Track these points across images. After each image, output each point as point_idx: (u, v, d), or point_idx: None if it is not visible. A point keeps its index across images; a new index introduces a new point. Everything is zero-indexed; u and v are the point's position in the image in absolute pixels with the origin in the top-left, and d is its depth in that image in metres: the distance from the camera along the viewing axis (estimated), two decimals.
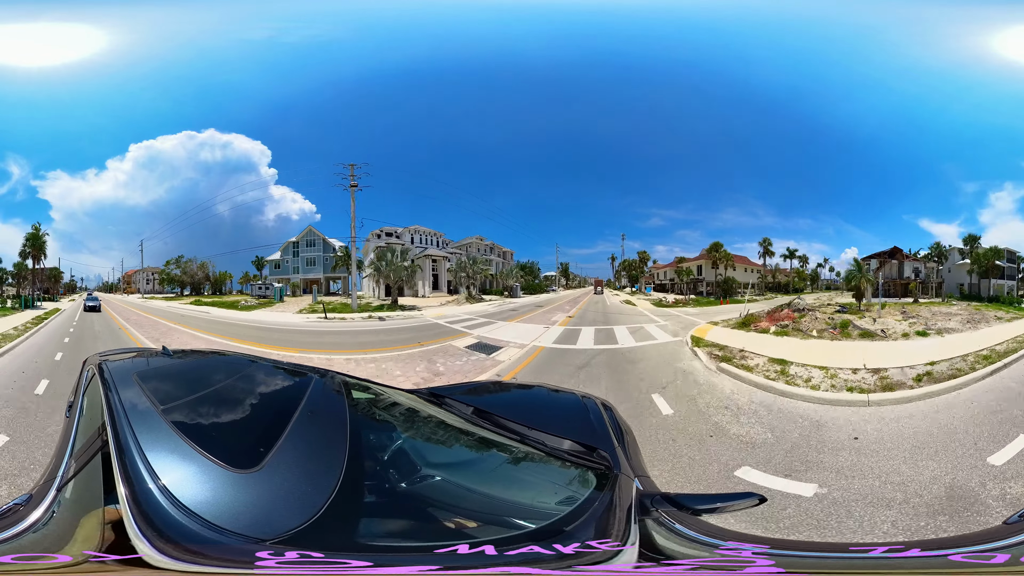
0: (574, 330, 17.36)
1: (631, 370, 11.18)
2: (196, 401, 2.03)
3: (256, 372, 2.68)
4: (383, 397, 2.47)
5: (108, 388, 1.87)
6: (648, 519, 1.64)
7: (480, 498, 1.77)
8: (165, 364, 2.68)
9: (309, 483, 1.41)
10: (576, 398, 2.87)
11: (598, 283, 39.98)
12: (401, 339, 15.93)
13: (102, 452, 1.48)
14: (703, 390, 9.22)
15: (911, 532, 4.18)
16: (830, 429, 6.97)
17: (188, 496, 1.26)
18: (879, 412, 7.71)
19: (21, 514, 1.40)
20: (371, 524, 1.44)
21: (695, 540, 1.57)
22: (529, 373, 11.43)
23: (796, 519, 4.37)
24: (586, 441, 2.11)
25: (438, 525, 1.54)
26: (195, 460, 1.42)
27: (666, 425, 7.21)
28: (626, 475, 1.87)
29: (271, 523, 1.24)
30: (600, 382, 10.15)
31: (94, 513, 1.35)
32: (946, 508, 4.49)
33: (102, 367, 2.18)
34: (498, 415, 2.37)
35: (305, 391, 2.15)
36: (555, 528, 1.44)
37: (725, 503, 1.85)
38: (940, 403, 7.98)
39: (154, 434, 1.53)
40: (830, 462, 5.73)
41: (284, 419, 1.71)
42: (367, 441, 1.89)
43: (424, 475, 1.79)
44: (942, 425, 6.88)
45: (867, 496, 4.78)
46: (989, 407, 7.56)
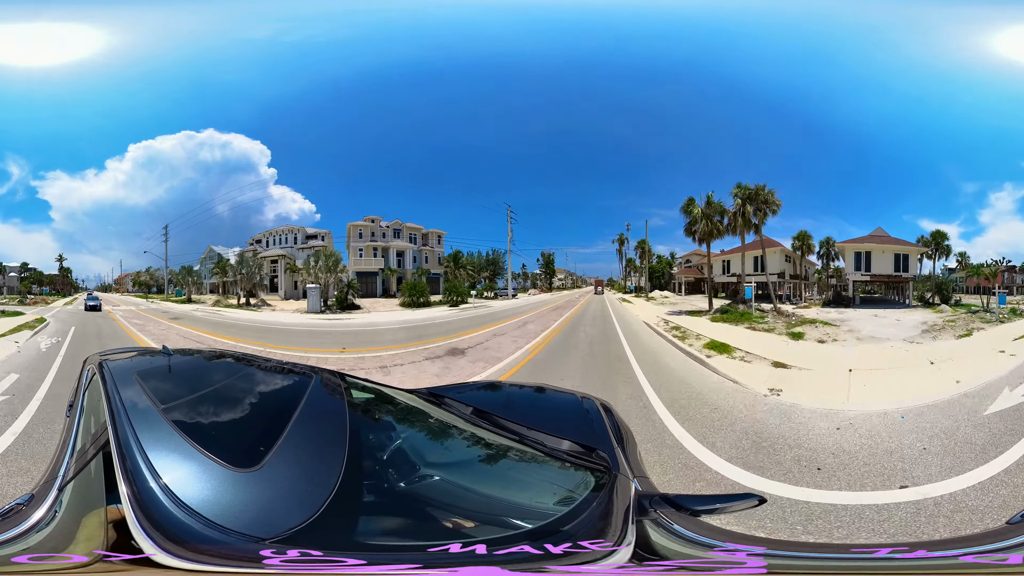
0: None
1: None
2: (196, 400, 2.04)
3: (256, 371, 2.69)
4: (383, 397, 2.48)
5: (108, 387, 1.88)
6: (646, 520, 1.64)
7: (478, 498, 1.77)
8: (165, 363, 2.68)
9: (309, 482, 1.42)
10: (575, 398, 2.88)
11: (598, 283, 39.55)
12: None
13: (103, 451, 1.49)
14: None
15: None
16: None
17: (189, 495, 1.27)
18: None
19: (23, 514, 1.40)
20: (369, 523, 1.45)
21: (692, 541, 1.57)
22: None
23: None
24: (585, 441, 2.11)
25: (435, 525, 1.55)
26: (196, 459, 1.42)
27: None
28: (624, 476, 1.87)
29: (271, 522, 1.24)
30: None
31: (96, 512, 1.36)
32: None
33: (102, 366, 2.18)
34: (497, 415, 2.37)
35: (305, 390, 2.15)
36: (551, 528, 1.45)
37: (724, 504, 1.86)
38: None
39: (155, 433, 1.54)
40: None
41: (284, 418, 1.72)
42: (366, 440, 1.90)
43: (423, 475, 1.79)
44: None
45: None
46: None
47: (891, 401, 8.07)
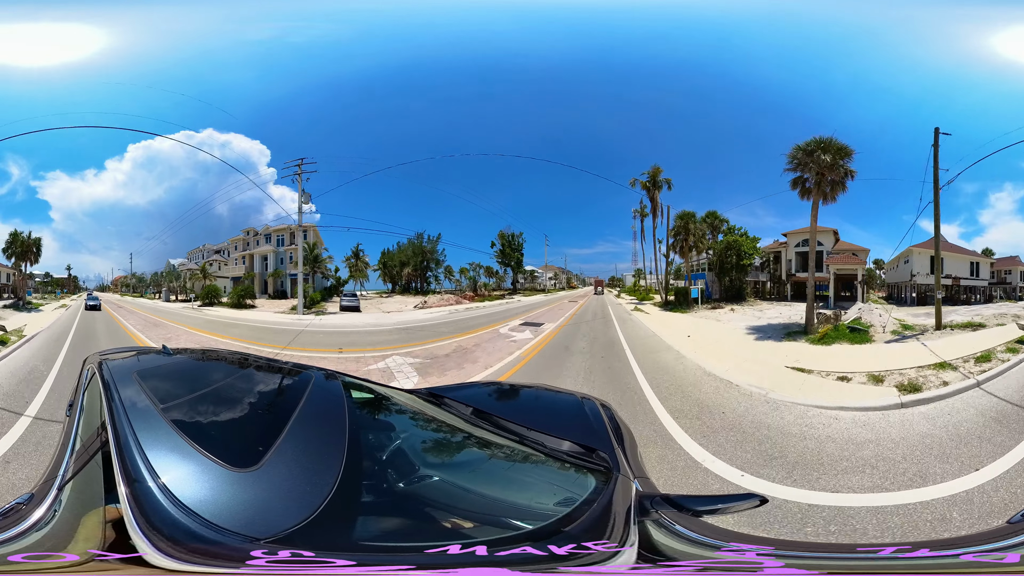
0: None
1: None
2: (196, 400, 2.03)
3: (255, 371, 2.68)
4: (382, 397, 2.47)
5: (108, 387, 1.87)
6: (648, 520, 1.63)
7: (478, 499, 1.77)
8: (164, 363, 2.68)
9: (307, 482, 1.41)
10: (575, 399, 2.87)
11: (598, 283, 37.79)
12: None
13: (102, 451, 1.49)
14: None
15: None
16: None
17: (187, 495, 1.26)
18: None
19: (23, 513, 1.40)
20: (368, 524, 1.44)
21: (696, 541, 1.56)
22: None
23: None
24: (585, 442, 2.11)
25: (435, 525, 1.54)
26: (194, 459, 1.42)
27: None
28: (625, 476, 1.86)
29: (268, 522, 1.24)
30: None
31: (95, 512, 1.36)
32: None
33: (102, 366, 2.18)
34: (497, 415, 2.37)
35: (305, 390, 2.15)
36: (552, 529, 1.44)
37: (726, 504, 1.85)
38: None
39: (154, 433, 1.53)
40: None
41: (283, 418, 1.71)
42: (366, 441, 1.89)
43: (422, 475, 1.79)
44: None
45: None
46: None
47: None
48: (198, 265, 30.54)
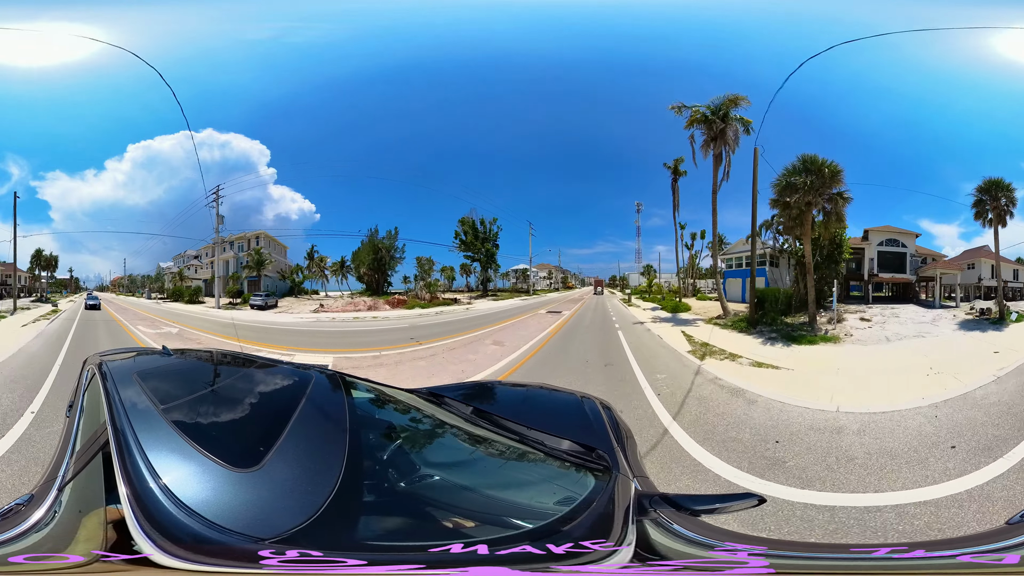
0: None
1: None
2: (196, 400, 2.04)
3: (256, 371, 2.69)
4: (383, 396, 2.47)
5: (108, 387, 1.87)
6: (646, 519, 1.64)
7: (478, 498, 1.77)
8: (165, 363, 2.68)
9: (309, 482, 1.42)
10: (575, 398, 2.87)
11: (598, 283, 37.04)
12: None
13: (103, 452, 1.49)
14: None
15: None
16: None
17: (189, 495, 1.27)
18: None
19: (23, 514, 1.40)
20: (369, 523, 1.44)
21: (692, 541, 1.57)
22: None
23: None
24: (585, 441, 2.11)
25: (436, 524, 1.55)
26: (195, 459, 1.42)
27: None
28: (624, 475, 1.87)
29: (271, 522, 1.24)
30: None
31: (96, 513, 1.36)
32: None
33: (102, 366, 2.18)
34: (497, 415, 2.37)
35: (305, 390, 2.15)
36: (552, 528, 1.45)
37: (724, 504, 1.86)
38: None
39: (155, 433, 1.54)
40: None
41: (284, 418, 1.72)
42: (367, 440, 1.89)
43: (423, 475, 1.79)
44: None
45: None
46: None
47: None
48: (178, 269, 33.19)
